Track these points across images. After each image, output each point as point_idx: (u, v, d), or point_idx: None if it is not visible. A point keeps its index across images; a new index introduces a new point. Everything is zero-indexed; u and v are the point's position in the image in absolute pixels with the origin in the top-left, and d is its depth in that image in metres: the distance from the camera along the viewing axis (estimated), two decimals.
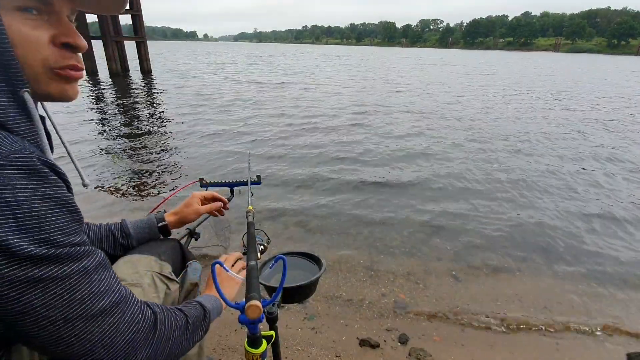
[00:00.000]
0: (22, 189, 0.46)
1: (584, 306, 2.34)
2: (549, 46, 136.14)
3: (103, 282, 0.54)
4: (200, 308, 0.78)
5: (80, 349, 0.53)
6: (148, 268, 0.91)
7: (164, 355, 0.63)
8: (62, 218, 0.50)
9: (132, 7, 17.09)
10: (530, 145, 6.16)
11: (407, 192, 4.10)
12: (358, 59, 39.80)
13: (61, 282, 0.49)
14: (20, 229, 0.45)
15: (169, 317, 0.67)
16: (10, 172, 0.46)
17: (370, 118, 8.10)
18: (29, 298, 0.47)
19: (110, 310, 0.55)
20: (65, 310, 0.50)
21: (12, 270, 0.45)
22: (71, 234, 0.51)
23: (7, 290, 0.46)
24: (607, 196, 4.15)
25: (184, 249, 1.12)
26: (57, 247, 0.49)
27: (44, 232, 0.48)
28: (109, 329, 0.54)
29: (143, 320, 0.60)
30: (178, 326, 0.68)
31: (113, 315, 0.55)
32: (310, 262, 1.12)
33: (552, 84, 17.28)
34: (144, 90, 12.05)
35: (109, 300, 0.54)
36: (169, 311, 0.68)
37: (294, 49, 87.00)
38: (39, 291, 0.47)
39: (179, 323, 0.68)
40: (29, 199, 0.47)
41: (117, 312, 0.56)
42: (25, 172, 0.47)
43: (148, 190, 3.94)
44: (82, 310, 0.51)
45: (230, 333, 1.89)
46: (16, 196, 0.45)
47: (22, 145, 0.49)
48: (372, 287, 2.41)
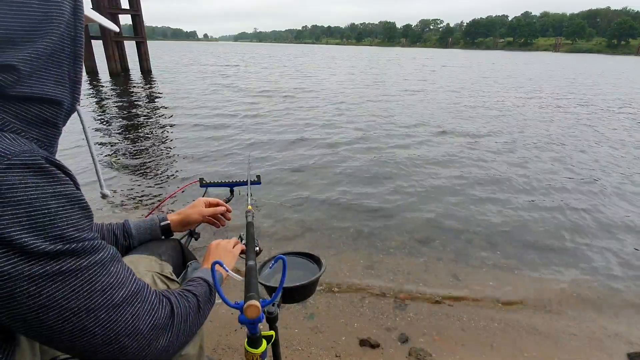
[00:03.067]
0: (34, 187, 0.48)
1: (585, 306, 2.34)
2: (549, 46, 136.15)
3: (120, 273, 0.57)
4: (205, 284, 0.81)
5: (105, 338, 0.55)
6: (148, 268, 0.91)
7: (184, 336, 0.68)
8: (74, 214, 0.52)
9: (132, 7, 17.10)
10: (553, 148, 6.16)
11: (407, 192, 4.09)
12: (367, 61, 39.63)
13: (80, 274, 0.52)
14: (35, 227, 0.47)
15: (183, 302, 0.70)
16: (22, 171, 0.48)
17: (374, 117, 8.11)
18: (49, 291, 0.49)
19: (130, 299, 0.58)
20: (87, 301, 0.52)
21: (29, 267, 0.47)
22: (84, 230, 0.53)
23: (26, 286, 0.47)
24: (621, 201, 4.15)
25: (185, 249, 1.12)
26: (72, 242, 0.51)
27: (57, 228, 0.50)
28: (131, 317, 0.57)
29: (161, 307, 0.63)
30: (192, 307, 0.72)
31: (133, 304, 0.58)
32: (310, 262, 1.12)
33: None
34: (143, 90, 12.04)
35: (128, 290, 0.58)
36: (181, 295, 0.72)
37: (295, 49, 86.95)
38: (59, 284, 0.50)
39: (191, 304, 0.72)
40: (41, 197, 0.49)
41: (137, 300, 0.59)
42: (36, 171, 0.49)
43: (147, 190, 3.94)
44: (104, 300, 0.54)
45: (230, 333, 1.89)
46: (28, 195, 0.47)
47: (30, 146, 0.51)
48: (372, 287, 2.41)
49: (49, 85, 0.58)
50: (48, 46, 0.56)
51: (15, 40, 0.52)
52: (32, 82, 0.55)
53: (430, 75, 20.19)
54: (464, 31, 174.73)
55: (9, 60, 0.51)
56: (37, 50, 0.55)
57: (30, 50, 0.54)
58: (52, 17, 0.56)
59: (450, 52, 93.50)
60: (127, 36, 18.08)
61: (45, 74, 0.57)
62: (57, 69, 0.59)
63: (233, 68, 22.24)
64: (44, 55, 0.56)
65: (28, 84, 0.54)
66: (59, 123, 0.61)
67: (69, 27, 0.60)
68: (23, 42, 0.53)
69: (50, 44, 0.57)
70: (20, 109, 0.55)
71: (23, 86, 0.54)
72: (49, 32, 0.56)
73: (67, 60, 0.61)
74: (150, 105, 9.26)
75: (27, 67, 0.54)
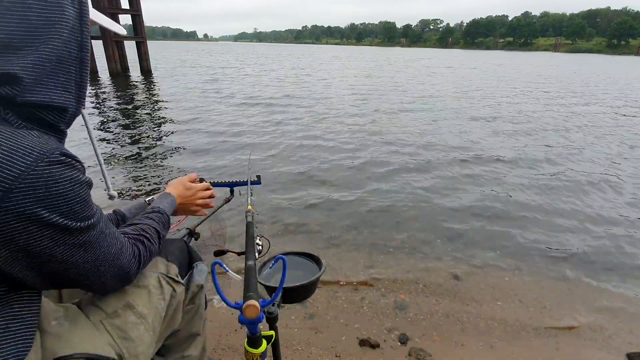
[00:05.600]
0: (69, 180, 0.58)
1: (585, 306, 2.34)
2: (548, 46, 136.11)
3: (111, 234, 0.71)
4: (164, 216, 0.95)
5: (100, 275, 0.71)
6: (154, 269, 0.91)
7: (148, 260, 0.85)
8: (89, 196, 0.63)
9: (132, 7, 17.10)
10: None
11: (407, 192, 4.09)
12: (370, 61, 39.53)
13: (95, 241, 0.66)
14: (70, 211, 0.59)
15: (149, 243, 0.84)
16: (59, 166, 0.56)
17: (373, 117, 8.11)
18: (75, 255, 0.63)
19: (118, 253, 0.72)
20: (95, 257, 0.67)
21: (64, 241, 0.60)
22: (93, 205, 0.65)
23: (60, 254, 0.61)
24: (618, 197, 4.15)
25: (191, 250, 1.11)
26: (91, 218, 0.63)
27: (85, 209, 0.62)
28: (116, 260, 0.72)
29: (141, 253, 0.80)
30: (155, 242, 0.86)
31: (119, 256, 0.73)
32: (310, 262, 1.11)
33: None
34: (143, 90, 12.05)
35: (115, 246, 0.72)
36: (149, 239, 0.85)
37: (296, 49, 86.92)
38: (82, 249, 0.64)
39: (155, 240, 0.86)
40: (76, 188, 0.59)
41: (121, 252, 0.74)
42: (68, 166, 0.58)
43: (147, 190, 3.94)
44: (104, 255, 0.69)
45: (230, 333, 1.89)
46: (65, 187, 0.57)
47: (52, 142, 0.58)
48: (372, 287, 2.41)
49: (55, 92, 0.61)
50: (52, 52, 0.58)
51: (16, 45, 0.54)
52: (39, 89, 0.59)
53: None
54: (464, 31, 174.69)
55: (11, 68, 0.54)
56: (40, 57, 0.57)
57: (33, 57, 0.56)
58: (54, 22, 0.58)
59: (454, 52, 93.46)
60: (127, 36, 18.07)
61: (52, 81, 0.60)
62: (64, 75, 0.62)
63: (234, 68, 22.24)
64: (48, 62, 0.58)
65: (34, 92, 0.58)
66: (62, 126, 0.65)
67: (75, 33, 0.62)
68: (24, 47, 0.55)
69: (55, 49, 0.59)
70: (27, 112, 0.59)
71: (30, 94, 0.57)
72: (51, 37, 0.58)
73: (74, 66, 0.63)
74: (150, 105, 9.26)
75: (30, 75, 0.56)
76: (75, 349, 0.69)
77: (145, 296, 0.85)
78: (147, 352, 0.82)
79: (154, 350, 0.89)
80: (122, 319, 0.79)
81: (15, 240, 0.55)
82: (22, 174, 0.52)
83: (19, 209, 0.53)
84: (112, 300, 0.80)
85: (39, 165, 0.54)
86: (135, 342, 0.78)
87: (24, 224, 0.54)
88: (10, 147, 0.53)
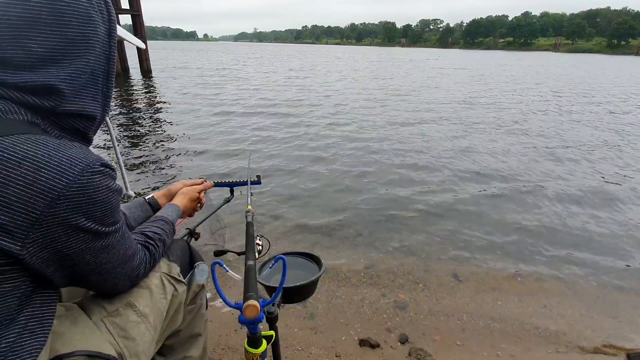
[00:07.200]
0: (106, 188, 0.63)
1: (585, 306, 2.34)
2: (549, 46, 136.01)
3: (129, 237, 0.76)
4: (169, 225, 0.98)
5: (120, 281, 0.77)
6: (156, 269, 0.92)
7: (155, 263, 0.90)
8: (119, 202, 0.68)
9: (132, 7, 17.10)
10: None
11: (407, 192, 4.09)
12: (377, 64, 39.38)
13: (117, 244, 0.70)
14: (102, 217, 0.64)
15: (154, 249, 0.87)
16: (100, 175, 0.62)
17: (381, 115, 8.11)
18: (99, 256, 0.67)
19: (132, 256, 0.77)
20: (114, 259, 0.71)
21: (94, 244, 0.65)
22: (120, 210, 0.70)
23: (88, 257, 0.65)
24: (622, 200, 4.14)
25: (192, 250, 1.12)
26: (116, 223, 0.68)
27: (114, 215, 0.67)
28: (130, 262, 0.77)
29: (147, 259, 0.85)
30: (159, 250, 0.90)
31: (133, 259, 0.78)
32: (310, 262, 1.12)
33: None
34: (143, 91, 12.05)
35: (132, 249, 0.77)
36: (155, 246, 0.88)
37: (296, 49, 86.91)
38: (105, 252, 0.68)
39: (160, 249, 0.90)
40: (110, 195, 0.64)
41: (135, 256, 0.79)
42: (106, 175, 0.63)
43: (146, 190, 3.94)
44: (120, 258, 0.73)
45: (230, 333, 1.89)
46: (103, 195, 0.62)
47: (91, 153, 0.64)
48: (372, 287, 2.41)
49: (87, 101, 0.67)
50: (87, 65, 0.65)
51: (56, 58, 0.60)
52: (75, 100, 0.65)
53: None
54: (464, 31, 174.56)
55: (52, 81, 0.60)
56: (77, 69, 0.63)
57: (71, 69, 0.62)
58: (89, 37, 0.64)
59: (457, 52, 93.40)
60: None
61: (84, 92, 0.66)
62: (94, 86, 0.68)
63: (233, 68, 22.23)
64: (83, 74, 0.65)
65: (71, 101, 0.64)
66: (90, 134, 0.71)
67: (104, 47, 0.69)
68: (63, 60, 0.61)
69: (89, 63, 0.65)
70: (63, 122, 0.65)
71: (68, 103, 0.64)
72: (86, 51, 0.64)
73: (102, 77, 0.70)
74: (150, 105, 9.26)
75: (69, 87, 0.62)
76: (75, 347, 0.70)
77: (147, 295, 0.86)
78: (148, 351, 0.82)
79: (155, 349, 0.89)
80: (123, 318, 0.79)
81: (54, 243, 0.59)
82: (70, 184, 0.57)
83: (63, 215, 0.58)
84: (113, 299, 0.81)
85: (84, 176, 0.59)
86: (135, 341, 0.79)
87: (65, 229, 0.59)
88: (60, 158, 0.57)
